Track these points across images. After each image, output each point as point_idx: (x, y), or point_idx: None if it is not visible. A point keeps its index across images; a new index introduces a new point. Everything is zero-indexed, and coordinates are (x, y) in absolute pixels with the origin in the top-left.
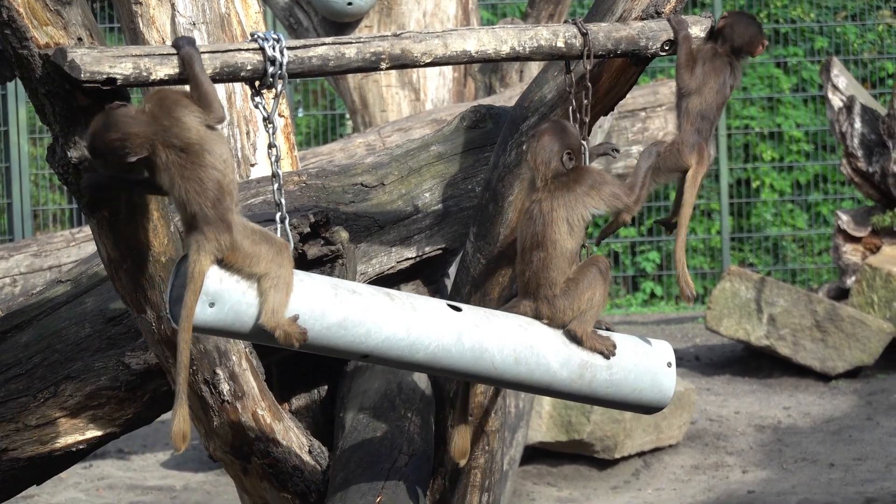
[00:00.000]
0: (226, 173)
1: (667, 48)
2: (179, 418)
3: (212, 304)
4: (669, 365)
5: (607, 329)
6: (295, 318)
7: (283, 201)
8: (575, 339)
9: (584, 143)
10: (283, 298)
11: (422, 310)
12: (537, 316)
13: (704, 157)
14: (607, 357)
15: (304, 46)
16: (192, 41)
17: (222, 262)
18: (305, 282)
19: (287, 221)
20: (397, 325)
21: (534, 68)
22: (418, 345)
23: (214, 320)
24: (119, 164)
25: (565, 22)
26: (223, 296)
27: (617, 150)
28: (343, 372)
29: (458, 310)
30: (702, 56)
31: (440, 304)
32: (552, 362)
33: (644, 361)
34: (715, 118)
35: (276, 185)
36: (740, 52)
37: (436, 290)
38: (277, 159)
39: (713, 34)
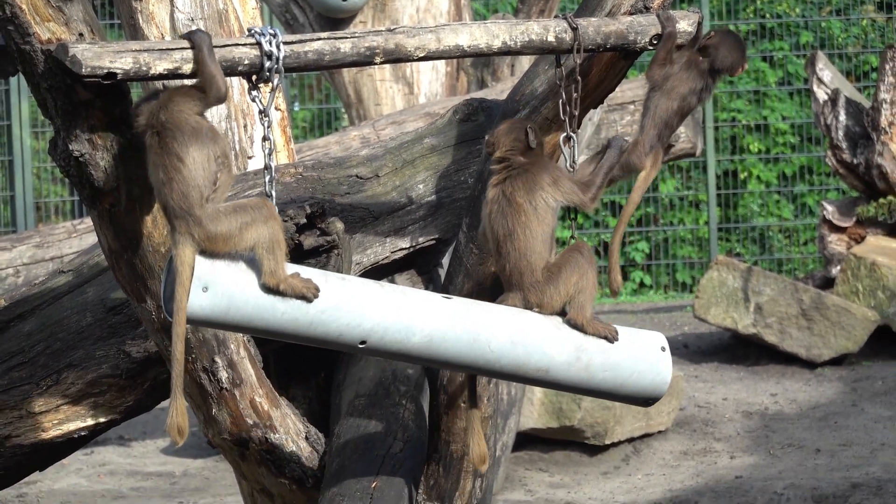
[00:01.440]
0: (193, 169)
1: (655, 42)
2: (175, 411)
3: (205, 289)
4: (663, 349)
5: (599, 320)
6: (296, 275)
7: (273, 193)
8: (576, 326)
9: (573, 135)
10: (278, 255)
11: (413, 296)
12: (527, 306)
13: (658, 161)
14: (611, 341)
15: (300, 41)
16: (204, 31)
17: (206, 252)
18: (295, 270)
19: (277, 212)
20: (390, 308)
21: (525, 62)
22: (413, 328)
23: (211, 306)
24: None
25: (556, 17)
26: (215, 279)
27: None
28: (339, 360)
29: (449, 299)
30: (680, 60)
31: (431, 294)
32: (548, 345)
33: (638, 346)
34: (676, 125)
35: (267, 178)
36: (719, 72)
37: (429, 280)
38: (271, 152)
39: (696, 42)
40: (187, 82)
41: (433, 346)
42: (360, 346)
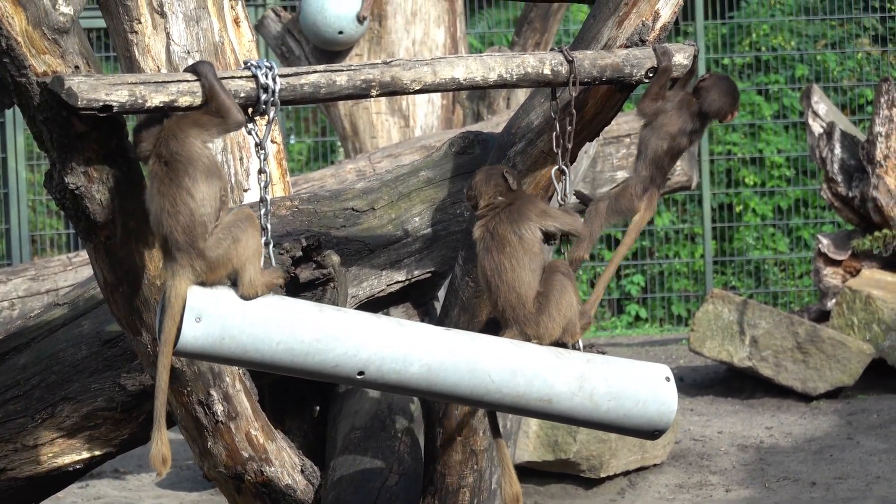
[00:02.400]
0: (202, 205)
1: (651, 75)
2: (158, 441)
3: (198, 319)
4: (668, 380)
5: (600, 353)
6: (263, 271)
7: (268, 226)
8: (566, 345)
9: (565, 168)
10: (257, 263)
11: (410, 326)
12: (525, 339)
13: (653, 203)
14: (602, 352)
15: (296, 74)
16: (206, 62)
17: (203, 283)
18: (289, 301)
19: (271, 246)
20: (388, 338)
21: (521, 95)
22: (412, 357)
23: (205, 336)
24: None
25: (551, 50)
26: (209, 309)
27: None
28: (334, 393)
29: (448, 331)
30: (673, 99)
31: (429, 325)
32: (549, 374)
33: (641, 375)
34: (668, 166)
35: (262, 210)
36: (707, 116)
37: (425, 314)
38: (267, 185)
39: (690, 79)
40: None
41: (432, 376)
42: (358, 376)
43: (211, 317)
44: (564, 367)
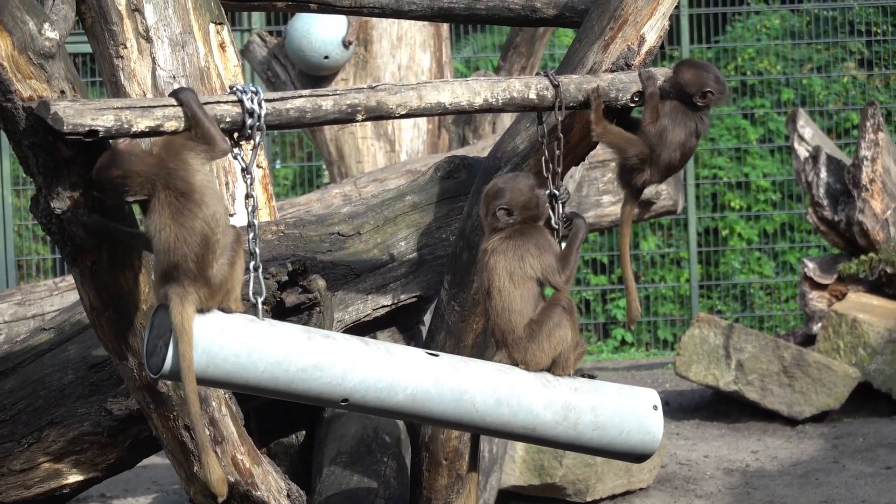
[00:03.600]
0: (215, 231)
1: (636, 99)
2: (213, 468)
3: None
4: (655, 408)
5: (590, 376)
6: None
7: (257, 251)
8: (562, 378)
9: (555, 192)
10: (241, 279)
11: (397, 354)
12: (513, 363)
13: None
14: (593, 376)
15: (282, 99)
16: (188, 88)
17: (201, 310)
18: (278, 327)
19: (260, 270)
20: (373, 366)
21: (506, 120)
22: (397, 386)
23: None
24: (118, 200)
25: (537, 74)
26: (196, 337)
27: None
28: (320, 417)
29: (436, 356)
30: (666, 110)
31: (417, 351)
32: (535, 403)
33: (629, 404)
34: (679, 168)
35: (251, 235)
36: (696, 101)
37: (411, 338)
38: (254, 209)
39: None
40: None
41: (417, 405)
42: (342, 403)
43: (199, 345)
44: (551, 397)
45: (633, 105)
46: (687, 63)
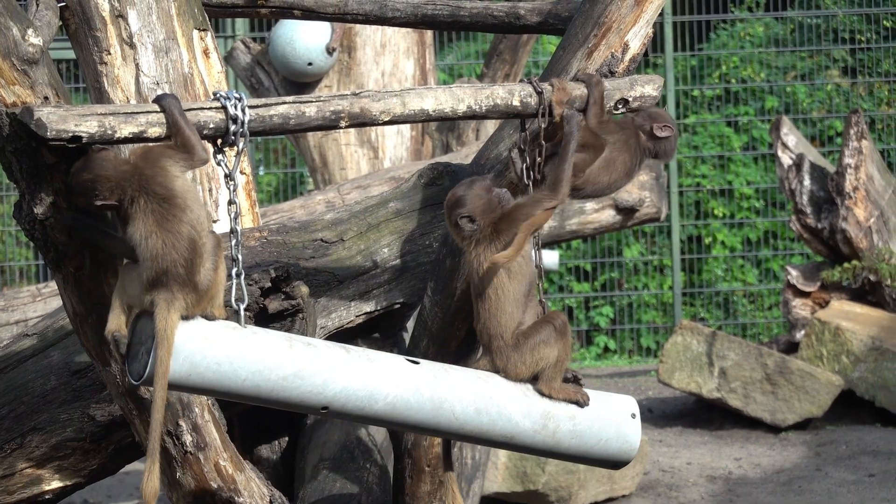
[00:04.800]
0: (200, 234)
1: (620, 107)
2: (152, 475)
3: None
4: (634, 416)
5: (575, 379)
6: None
7: (240, 257)
8: (544, 396)
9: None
10: (223, 290)
11: (378, 361)
12: (495, 370)
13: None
14: (582, 405)
15: (266, 105)
16: (172, 95)
17: (185, 317)
18: (260, 335)
19: (243, 277)
20: (354, 375)
21: (490, 127)
22: (377, 395)
23: (173, 371)
24: (88, 204)
25: (520, 81)
26: (178, 345)
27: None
28: (303, 424)
29: (416, 363)
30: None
31: (397, 358)
32: (514, 412)
33: (607, 413)
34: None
35: (233, 241)
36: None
37: (394, 344)
38: (237, 216)
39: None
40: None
41: (396, 413)
42: (322, 411)
43: (181, 353)
44: (530, 405)
45: (616, 112)
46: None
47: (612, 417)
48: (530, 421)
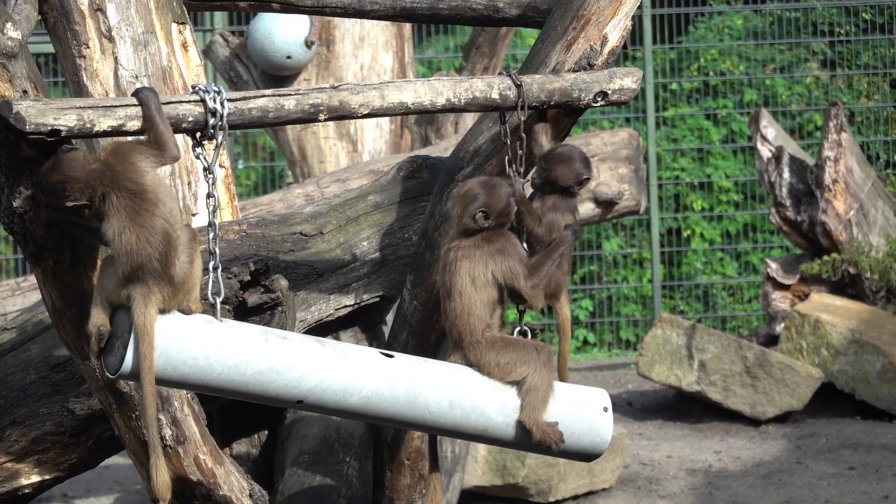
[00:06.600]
0: (174, 227)
1: (599, 99)
2: (160, 470)
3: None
4: (606, 410)
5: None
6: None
7: (217, 250)
8: (524, 428)
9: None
10: (199, 284)
11: (353, 356)
12: (468, 365)
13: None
14: (554, 449)
15: (245, 98)
16: (151, 89)
17: (162, 311)
18: (236, 329)
19: (220, 270)
20: (329, 369)
21: (469, 120)
22: (352, 389)
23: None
24: (59, 204)
25: (499, 74)
26: (159, 342)
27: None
28: (283, 417)
29: (391, 356)
30: (548, 207)
31: (372, 352)
32: (487, 406)
33: (580, 407)
34: None
35: (211, 235)
36: (570, 188)
37: (373, 337)
38: (215, 209)
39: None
40: (130, 138)
41: (371, 406)
42: (297, 404)
43: (157, 348)
44: (504, 399)
45: (595, 105)
46: (551, 157)
47: (584, 411)
48: (503, 415)
